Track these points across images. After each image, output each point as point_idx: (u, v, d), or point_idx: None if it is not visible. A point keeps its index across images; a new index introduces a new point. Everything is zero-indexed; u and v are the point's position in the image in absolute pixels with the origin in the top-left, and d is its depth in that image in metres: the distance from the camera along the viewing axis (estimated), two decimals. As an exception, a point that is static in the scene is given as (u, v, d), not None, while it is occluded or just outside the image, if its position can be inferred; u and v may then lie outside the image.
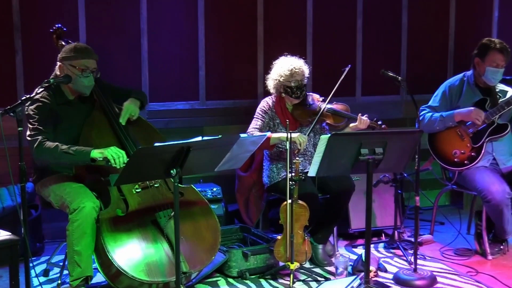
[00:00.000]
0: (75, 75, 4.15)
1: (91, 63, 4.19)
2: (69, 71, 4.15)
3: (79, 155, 3.97)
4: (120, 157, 3.94)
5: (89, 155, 3.96)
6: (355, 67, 6.18)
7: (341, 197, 4.76)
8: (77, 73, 4.15)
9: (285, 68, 4.77)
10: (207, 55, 5.77)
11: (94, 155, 3.96)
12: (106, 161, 3.94)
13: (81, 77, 4.15)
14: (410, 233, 5.34)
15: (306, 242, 4.43)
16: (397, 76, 4.59)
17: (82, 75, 4.16)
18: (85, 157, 3.96)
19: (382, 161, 3.90)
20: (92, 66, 4.19)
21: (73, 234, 3.93)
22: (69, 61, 4.17)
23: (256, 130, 4.72)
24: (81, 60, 4.16)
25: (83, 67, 4.16)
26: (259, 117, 4.82)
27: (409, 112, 6.16)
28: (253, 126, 4.78)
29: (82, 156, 3.97)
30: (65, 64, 4.17)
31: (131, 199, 4.11)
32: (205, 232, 4.21)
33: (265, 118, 4.81)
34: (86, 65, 4.16)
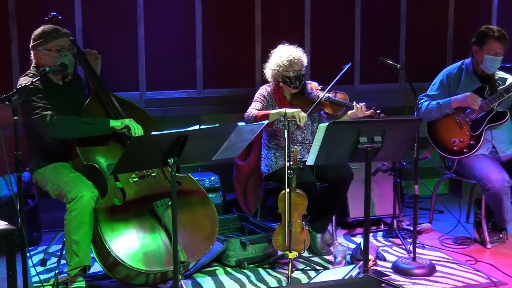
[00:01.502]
0: (54, 58, 4.16)
1: (64, 41, 4.21)
2: (46, 56, 4.16)
3: (98, 125, 4.04)
4: (138, 129, 4.06)
5: (109, 123, 4.04)
6: (354, 54, 6.16)
7: (339, 186, 4.77)
8: (55, 55, 4.16)
9: (284, 58, 4.76)
10: (204, 42, 5.76)
11: (114, 124, 4.05)
12: (128, 129, 4.04)
13: (60, 58, 4.16)
14: (409, 222, 5.35)
15: (305, 231, 4.44)
16: (396, 64, 4.58)
17: (60, 55, 4.16)
18: (105, 125, 4.04)
19: (380, 149, 3.90)
20: (67, 44, 4.21)
21: (71, 223, 3.93)
22: (43, 46, 4.17)
23: (255, 111, 4.70)
24: (54, 41, 4.17)
25: (58, 47, 4.17)
26: (258, 100, 4.82)
27: (408, 100, 6.16)
28: (252, 107, 4.77)
29: (101, 125, 4.05)
30: (40, 50, 4.18)
31: (128, 189, 4.11)
32: (202, 221, 4.22)
33: (263, 101, 4.81)
34: (61, 44, 4.18)
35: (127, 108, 4.38)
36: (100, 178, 4.12)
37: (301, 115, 4.52)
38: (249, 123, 4.58)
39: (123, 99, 4.47)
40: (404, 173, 5.38)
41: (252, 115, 4.63)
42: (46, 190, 4.21)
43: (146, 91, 5.67)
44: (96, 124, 4.05)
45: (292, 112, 4.50)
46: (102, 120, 4.09)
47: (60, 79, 4.30)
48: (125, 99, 4.50)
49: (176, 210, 3.52)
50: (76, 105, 4.28)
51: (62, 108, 4.18)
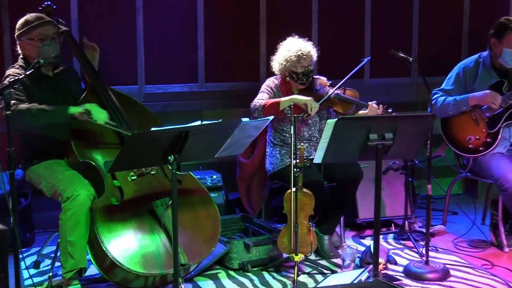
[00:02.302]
0: (38, 47, 4.17)
1: (48, 29, 4.20)
2: (30, 46, 4.17)
3: (57, 112, 3.94)
4: (102, 113, 3.97)
5: (67, 111, 3.93)
6: (364, 47, 6.17)
7: (348, 185, 4.77)
8: (38, 45, 4.17)
9: (292, 53, 4.75)
10: (206, 34, 5.77)
11: (72, 111, 3.94)
12: (88, 114, 3.93)
13: (44, 47, 4.17)
14: (422, 224, 5.36)
15: (311, 233, 4.44)
16: (408, 57, 4.58)
17: (44, 45, 4.17)
18: (63, 113, 3.94)
19: (392, 147, 3.90)
20: (51, 32, 4.21)
21: (66, 223, 3.94)
22: (26, 36, 4.18)
23: (262, 101, 4.71)
24: (37, 30, 4.17)
25: (41, 36, 4.17)
26: (266, 91, 4.82)
27: (421, 95, 6.15)
28: (259, 97, 4.77)
29: (60, 113, 3.94)
30: (24, 40, 4.19)
31: (126, 187, 4.12)
32: (204, 222, 4.23)
33: (270, 93, 4.81)
34: (44, 33, 4.18)
35: (125, 102, 4.39)
36: (96, 176, 4.13)
37: (313, 104, 4.54)
38: (256, 112, 4.59)
39: (121, 93, 4.48)
40: (416, 172, 5.39)
41: (260, 104, 4.63)
42: (40, 188, 4.22)
43: (145, 84, 5.68)
44: (54, 110, 3.95)
45: (305, 100, 4.51)
46: (60, 107, 3.98)
47: (50, 69, 4.31)
48: (123, 93, 4.52)
49: (177, 210, 3.53)
50: (68, 98, 4.26)
51: (52, 101, 4.19)
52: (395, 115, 4.61)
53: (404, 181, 5.26)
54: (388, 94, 6.20)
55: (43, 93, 4.19)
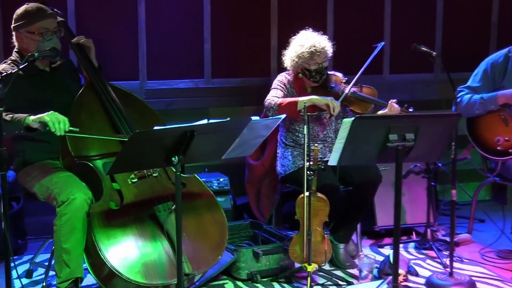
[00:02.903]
0: (37, 41, 4.18)
1: (49, 23, 4.22)
2: (29, 40, 4.18)
3: (13, 122, 3.91)
4: (60, 123, 3.89)
5: (23, 121, 3.90)
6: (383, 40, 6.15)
7: (365, 190, 4.77)
8: (38, 39, 4.18)
9: (305, 48, 4.75)
10: (213, 26, 5.77)
11: (28, 121, 3.89)
12: (44, 125, 3.89)
13: (44, 42, 4.18)
14: (445, 232, 5.35)
15: (326, 241, 4.44)
16: (431, 51, 4.58)
17: (44, 39, 4.18)
18: (18, 124, 3.90)
19: (413, 148, 3.89)
20: (52, 26, 4.22)
21: (62, 229, 3.95)
22: (26, 28, 4.20)
23: (276, 98, 4.71)
24: (38, 23, 4.18)
25: (42, 30, 4.18)
26: (279, 88, 4.82)
27: (445, 93, 6.13)
28: (272, 94, 4.77)
29: (16, 123, 3.91)
30: (22, 32, 4.20)
31: (126, 191, 4.13)
32: (210, 228, 4.23)
33: (283, 89, 4.81)
34: (45, 27, 4.19)
35: (125, 99, 4.41)
36: (94, 179, 4.14)
37: (334, 103, 4.55)
38: (271, 111, 4.60)
39: (121, 90, 4.49)
40: (439, 176, 5.38)
41: (275, 103, 4.63)
42: (33, 191, 4.23)
43: (147, 80, 5.70)
44: (12, 122, 3.90)
45: (326, 100, 4.52)
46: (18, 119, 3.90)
47: (47, 64, 4.32)
48: (124, 90, 4.53)
49: (181, 216, 3.53)
50: (65, 95, 4.29)
51: (48, 98, 4.20)
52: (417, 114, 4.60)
53: (427, 185, 5.25)
54: (409, 92, 6.20)
55: (39, 90, 4.20)
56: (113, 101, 4.31)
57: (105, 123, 4.27)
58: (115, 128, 4.22)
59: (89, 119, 4.26)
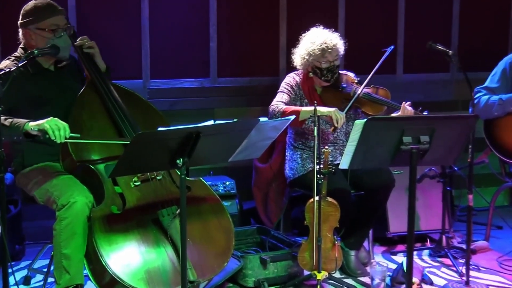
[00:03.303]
0: (47, 39, 4.19)
1: (59, 19, 4.24)
2: (38, 36, 4.19)
3: (12, 128, 3.92)
4: (60, 130, 3.89)
5: (22, 127, 3.90)
6: (396, 38, 6.16)
7: (378, 194, 4.78)
8: (48, 36, 4.19)
9: (316, 46, 4.76)
10: (219, 23, 5.78)
11: (27, 128, 3.90)
12: (43, 133, 3.89)
13: (55, 39, 4.20)
14: (461, 239, 5.35)
15: (336, 248, 4.45)
16: (447, 50, 4.58)
17: (55, 37, 4.20)
18: (17, 130, 3.91)
19: (428, 151, 3.89)
20: (63, 23, 4.24)
21: (61, 234, 3.96)
22: (35, 25, 4.21)
23: (281, 104, 4.73)
24: (48, 19, 4.20)
25: (52, 27, 4.20)
26: (285, 91, 4.84)
27: (461, 94, 6.15)
28: (278, 99, 4.79)
29: (15, 129, 3.91)
30: (31, 29, 4.21)
31: (129, 194, 4.14)
32: (216, 234, 4.24)
33: (291, 93, 4.83)
34: (56, 24, 4.21)
35: (128, 99, 4.41)
36: (96, 182, 4.15)
37: (338, 115, 4.54)
38: (274, 118, 4.60)
39: (123, 89, 4.50)
40: (455, 180, 5.37)
41: (279, 110, 4.65)
42: (32, 194, 4.24)
43: (150, 79, 5.71)
44: (11, 127, 3.91)
45: (328, 112, 4.52)
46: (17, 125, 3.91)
47: (52, 63, 4.34)
48: (126, 89, 4.54)
49: (185, 221, 3.54)
50: (69, 95, 4.31)
51: (51, 97, 4.22)
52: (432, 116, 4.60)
53: (442, 190, 5.25)
54: (424, 92, 6.20)
55: (42, 89, 4.21)
56: (115, 100, 4.32)
57: (107, 124, 4.28)
58: (117, 129, 4.24)
59: (91, 119, 4.27)
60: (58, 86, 4.32)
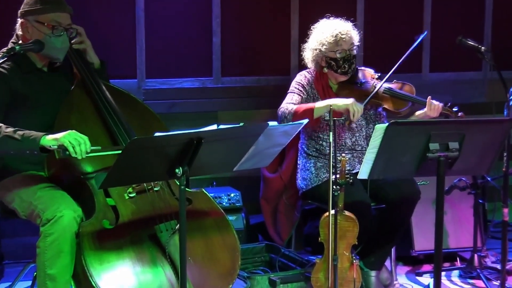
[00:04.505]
0: (44, 35, 4.20)
1: (63, 17, 4.24)
2: (35, 30, 4.20)
3: (26, 142, 3.91)
4: (81, 144, 3.88)
5: (39, 141, 3.90)
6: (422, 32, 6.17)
7: (401, 208, 4.78)
8: (46, 32, 4.20)
9: (328, 34, 4.79)
10: (223, 15, 5.80)
11: (45, 142, 3.89)
12: (63, 149, 3.87)
13: (52, 37, 4.20)
14: (495, 258, 5.35)
15: (355, 267, 4.45)
16: (479, 46, 4.59)
17: (53, 34, 4.20)
18: (32, 144, 3.91)
19: (458, 159, 3.91)
20: (66, 22, 4.24)
21: (46, 252, 3.96)
22: (34, 16, 4.21)
23: (292, 105, 4.74)
24: (51, 13, 4.21)
25: (53, 23, 4.20)
26: (295, 92, 4.85)
27: (495, 95, 6.12)
28: (287, 101, 4.80)
29: (29, 143, 3.91)
30: (30, 20, 4.22)
31: (122, 207, 4.15)
32: (219, 252, 4.24)
33: (302, 93, 4.84)
34: (58, 20, 4.21)
35: (122, 101, 4.42)
36: (85, 193, 4.16)
37: (355, 107, 4.55)
38: (285, 121, 4.62)
39: (117, 89, 4.51)
40: (488, 192, 5.37)
41: (289, 112, 4.66)
42: (12, 208, 4.23)
43: (146, 79, 5.73)
44: (24, 140, 3.91)
45: (345, 105, 4.54)
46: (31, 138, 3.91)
47: (45, 64, 4.35)
48: (120, 89, 4.55)
49: (185, 237, 3.55)
50: (62, 98, 4.32)
51: (42, 99, 4.24)
52: (462, 118, 4.61)
53: (473, 203, 5.24)
54: (453, 93, 6.20)
55: (33, 89, 4.22)
56: (108, 102, 4.33)
57: (99, 129, 4.28)
58: (110, 134, 4.24)
59: (81, 123, 4.24)
60: (51, 88, 4.33)
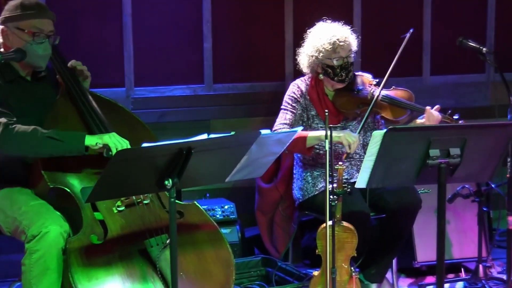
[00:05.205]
0: (25, 42, 4.20)
1: (46, 24, 4.25)
2: (15, 37, 4.21)
3: (69, 141, 4.00)
4: (123, 146, 4.01)
5: (83, 141, 4.00)
6: (422, 34, 6.18)
7: (402, 217, 4.79)
8: (27, 39, 4.21)
9: (325, 40, 4.79)
10: (214, 20, 5.80)
11: (89, 142, 4.00)
12: (107, 149, 3.99)
13: (33, 44, 4.21)
14: (501, 268, 5.35)
15: (354, 280, 4.45)
16: (481, 47, 4.60)
17: (34, 41, 4.21)
18: (77, 143, 4.00)
19: (459, 166, 3.91)
20: (48, 29, 4.25)
21: (32, 270, 3.95)
22: (15, 23, 4.22)
23: (285, 126, 4.76)
24: (32, 20, 4.21)
25: (34, 29, 4.21)
26: (288, 109, 4.86)
27: (499, 98, 6.14)
28: (280, 121, 4.81)
29: (73, 143, 4.00)
30: (10, 27, 4.23)
31: (111, 221, 4.15)
32: (213, 266, 4.24)
33: (296, 109, 4.84)
34: (39, 27, 4.22)
35: (110, 111, 4.42)
36: (72, 207, 4.15)
37: (350, 139, 4.56)
38: None
39: (104, 99, 4.52)
40: (493, 199, 5.37)
41: None
42: (-5, 224, 4.26)
43: (134, 87, 5.72)
44: (66, 140, 4.02)
45: (338, 137, 4.54)
46: (74, 135, 4.06)
47: (29, 73, 4.35)
48: (107, 98, 4.55)
49: (176, 251, 3.55)
50: (47, 109, 4.32)
51: (26, 109, 4.24)
52: (463, 123, 4.62)
53: (477, 211, 5.24)
54: (455, 97, 6.21)
55: (15, 99, 4.22)
56: (94, 112, 4.32)
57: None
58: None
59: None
60: (35, 98, 4.32)
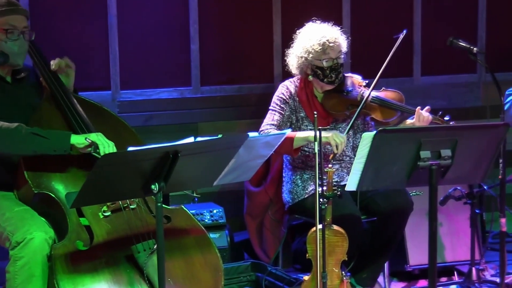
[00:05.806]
0: None
1: (18, 20, 4.24)
2: None
3: (54, 139, 4.00)
4: (110, 147, 4.03)
5: (69, 139, 4.00)
6: (412, 34, 6.19)
7: (393, 220, 4.79)
8: (1, 37, 4.20)
9: (314, 41, 4.79)
10: (201, 21, 5.80)
11: (76, 140, 4.01)
12: (95, 147, 4.00)
13: (8, 42, 4.21)
14: (495, 271, 5.36)
15: (345, 285, 4.46)
16: (472, 47, 4.60)
17: (8, 39, 4.20)
18: (62, 141, 4.00)
19: (451, 168, 3.92)
20: (21, 25, 4.25)
21: (17, 277, 3.95)
22: None
23: (272, 127, 4.76)
24: (4, 17, 4.21)
25: (7, 26, 4.20)
26: (277, 109, 4.86)
27: (490, 98, 6.15)
28: (268, 122, 4.82)
29: (58, 140, 4.00)
30: None
31: (97, 227, 4.14)
32: (201, 272, 4.24)
33: (284, 110, 4.85)
34: (12, 24, 4.22)
35: (95, 114, 4.42)
36: (57, 213, 4.15)
37: (337, 139, 4.56)
38: None
39: (89, 102, 4.51)
40: (485, 201, 5.38)
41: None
42: (-22, 230, 4.25)
43: (120, 90, 5.72)
44: (51, 138, 4.03)
45: (326, 138, 4.54)
46: (59, 134, 4.08)
47: (8, 73, 4.35)
48: (92, 102, 4.55)
49: (163, 257, 3.55)
50: (28, 112, 4.32)
51: (6, 112, 4.23)
52: (454, 124, 4.62)
53: (470, 213, 5.25)
54: (447, 97, 6.21)
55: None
56: (79, 116, 4.32)
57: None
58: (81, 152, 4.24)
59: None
60: (15, 101, 4.32)
